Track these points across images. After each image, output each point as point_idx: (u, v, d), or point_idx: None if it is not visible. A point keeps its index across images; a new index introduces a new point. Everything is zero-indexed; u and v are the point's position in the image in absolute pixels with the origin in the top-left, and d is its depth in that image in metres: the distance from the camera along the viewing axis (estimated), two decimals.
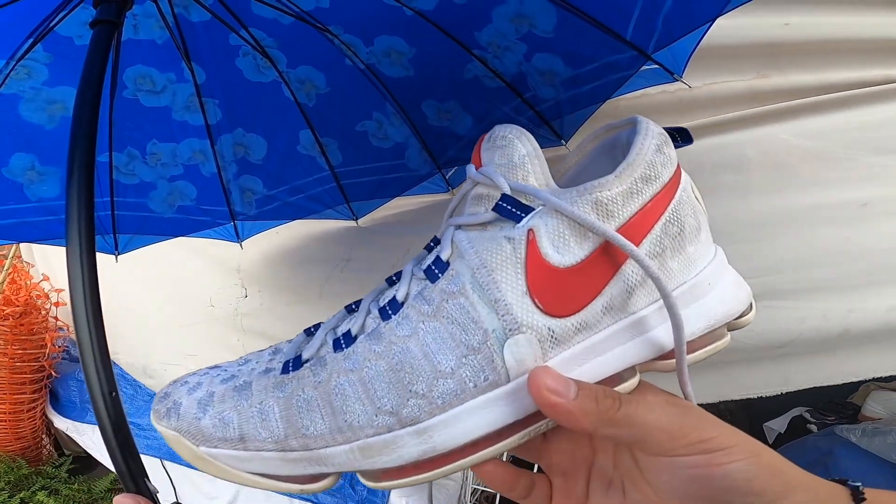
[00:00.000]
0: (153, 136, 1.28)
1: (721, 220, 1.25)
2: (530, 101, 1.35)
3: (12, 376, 2.33)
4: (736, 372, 1.24)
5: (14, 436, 2.42)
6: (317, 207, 1.66)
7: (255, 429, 0.36)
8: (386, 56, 1.30)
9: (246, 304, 1.81)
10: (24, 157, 1.14)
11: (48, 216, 1.31)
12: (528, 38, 1.18)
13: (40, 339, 2.40)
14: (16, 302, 2.31)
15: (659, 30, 1.03)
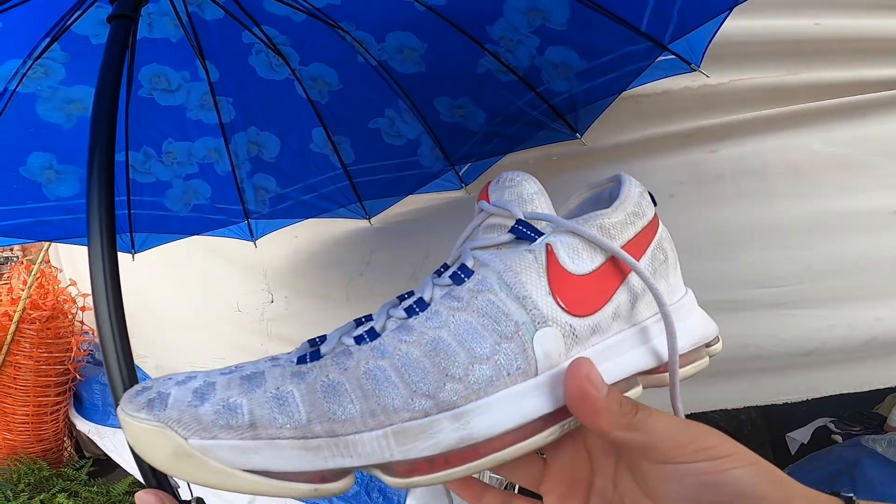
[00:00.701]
0: (169, 134, 1.29)
1: (744, 228, 1.24)
2: (544, 94, 1.34)
3: (37, 379, 2.36)
4: (763, 379, 1.23)
5: (36, 438, 2.45)
6: (329, 206, 1.66)
7: (270, 414, 0.31)
8: (398, 52, 1.30)
9: (272, 310, 1.85)
10: (42, 157, 1.16)
11: (66, 215, 1.33)
12: (541, 31, 1.17)
13: (66, 342, 2.43)
14: (43, 306, 2.35)
15: (674, 20, 1.01)
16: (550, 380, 0.35)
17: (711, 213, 1.28)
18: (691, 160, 1.31)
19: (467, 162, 1.58)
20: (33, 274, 2.35)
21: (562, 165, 1.47)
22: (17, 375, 2.33)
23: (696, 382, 1.29)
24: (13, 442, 2.41)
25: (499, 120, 1.43)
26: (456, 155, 1.56)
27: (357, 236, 1.73)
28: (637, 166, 1.36)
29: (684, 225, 1.28)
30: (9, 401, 2.36)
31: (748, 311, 1.24)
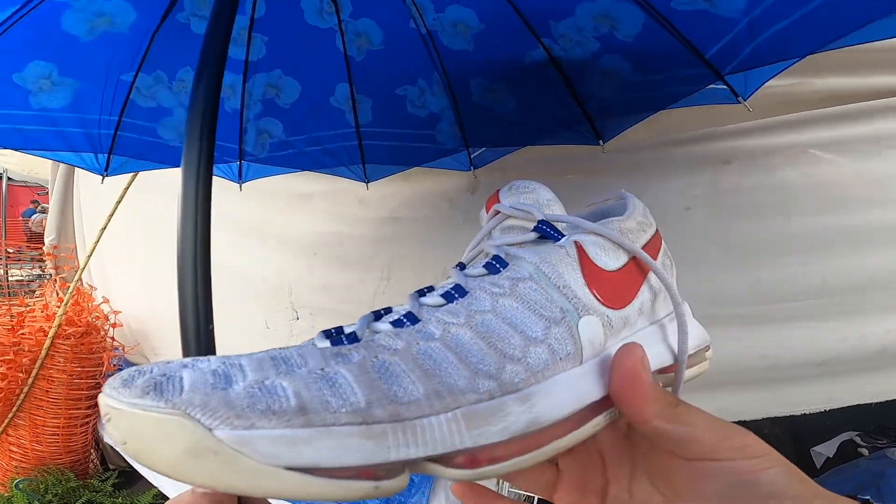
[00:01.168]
0: (188, 62, 1.16)
1: (759, 242, 1.26)
2: (581, 97, 1.35)
3: (69, 392, 2.40)
4: (781, 390, 1.28)
5: (65, 449, 2.49)
6: (331, 163, 1.58)
7: (321, 396, 0.25)
8: (452, 26, 1.24)
9: (299, 326, 1.85)
10: (42, 66, 1.00)
11: (45, 126, 1.16)
12: (604, 38, 1.17)
13: (98, 357, 2.47)
14: (78, 323, 2.39)
15: (744, 55, 1.06)
16: (596, 367, 0.34)
17: (727, 227, 1.29)
18: (706, 172, 1.33)
19: (482, 146, 1.57)
20: (69, 292, 2.38)
21: (573, 172, 1.49)
22: (49, 388, 2.37)
23: (714, 393, 1.36)
24: (42, 453, 2.45)
25: (528, 111, 1.43)
26: (474, 137, 1.54)
27: (372, 252, 1.73)
28: (652, 178, 1.38)
29: (700, 238, 1.30)
30: (40, 413, 2.40)
31: (762, 324, 1.25)
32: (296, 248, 1.86)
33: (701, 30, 1.06)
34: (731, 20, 0.98)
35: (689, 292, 1.40)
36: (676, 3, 1.00)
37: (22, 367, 2.29)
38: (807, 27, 0.95)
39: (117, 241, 2.47)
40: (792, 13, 0.93)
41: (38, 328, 2.33)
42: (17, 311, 2.45)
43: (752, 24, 0.96)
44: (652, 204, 1.55)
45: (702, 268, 1.29)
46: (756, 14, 0.94)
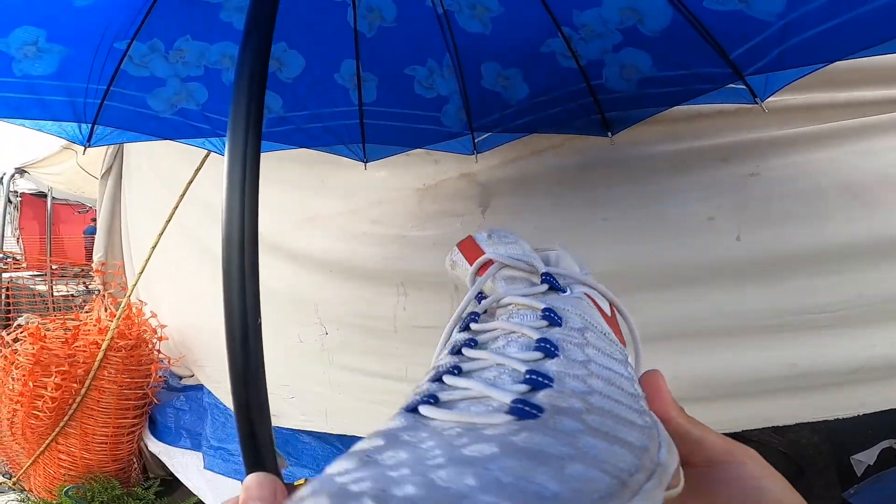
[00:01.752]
0: (189, 31, 1.07)
1: (790, 253, 1.25)
2: (596, 88, 1.32)
3: (119, 402, 2.50)
4: (812, 396, 1.25)
5: (112, 457, 2.58)
6: (330, 140, 1.52)
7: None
8: (470, 7, 1.18)
9: (329, 341, 1.87)
10: (30, 31, 0.90)
11: (26, 94, 1.06)
12: (629, 31, 1.14)
13: (146, 369, 2.57)
14: (129, 336, 2.50)
15: (771, 58, 1.05)
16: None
17: (753, 237, 1.27)
18: (730, 181, 1.31)
19: (488, 132, 1.52)
20: (122, 306, 2.48)
21: (589, 180, 1.47)
22: (100, 398, 2.46)
23: (747, 400, 1.36)
24: (90, 461, 2.53)
25: (540, 100, 1.39)
26: (480, 122, 1.49)
27: (385, 269, 1.72)
28: (672, 186, 1.37)
29: (724, 248, 1.29)
30: (90, 422, 2.47)
31: (795, 332, 1.25)
32: (313, 265, 1.86)
33: (731, 30, 1.03)
34: (765, 22, 0.96)
35: (715, 304, 1.37)
36: (710, 3, 0.98)
37: (76, 378, 2.38)
38: (838, 35, 0.94)
39: (161, 257, 2.51)
40: (828, 20, 0.92)
41: (92, 341, 2.44)
42: (72, 324, 2.55)
43: (785, 27, 0.95)
44: (673, 212, 1.52)
45: (726, 279, 1.29)
46: (792, 18, 0.93)
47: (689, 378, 1.32)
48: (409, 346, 1.68)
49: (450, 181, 1.67)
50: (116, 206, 3.33)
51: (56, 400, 2.34)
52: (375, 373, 1.76)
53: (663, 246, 1.34)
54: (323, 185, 1.86)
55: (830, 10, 0.91)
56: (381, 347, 1.73)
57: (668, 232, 1.34)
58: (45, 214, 5.58)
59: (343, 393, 1.85)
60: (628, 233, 1.38)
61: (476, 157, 1.58)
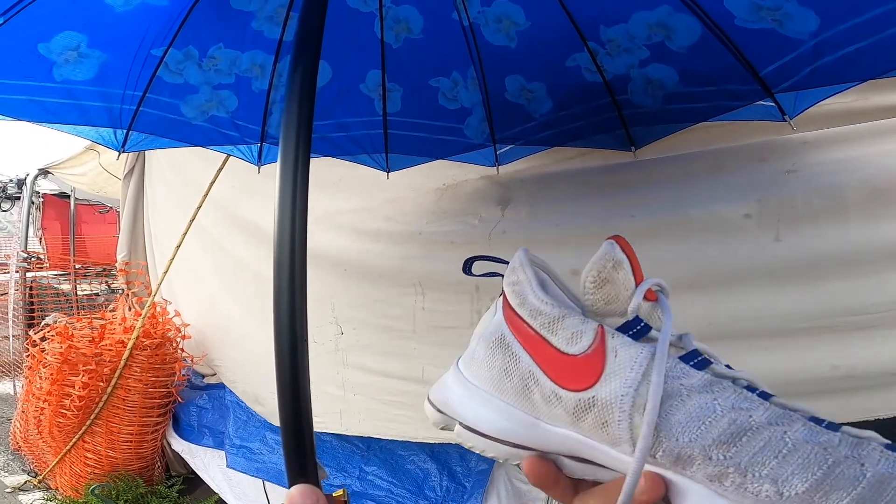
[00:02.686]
0: (222, 39, 1.10)
1: (829, 253, 1.21)
2: (621, 102, 1.32)
3: (144, 401, 2.53)
4: (854, 398, 1.22)
5: (137, 455, 2.62)
6: (354, 150, 1.54)
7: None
8: (496, 21, 1.20)
9: (344, 341, 1.85)
10: (72, 37, 0.94)
11: (65, 99, 1.10)
12: (656, 46, 1.14)
13: (171, 367, 2.61)
14: (154, 335, 2.53)
15: (802, 76, 1.04)
16: None
17: (794, 237, 1.24)
18: (767, 179, 1.28)
19: (510, 144, 1.53)
20: (147, 306, 2.52)
21: (614, 181, 1.46)
22: (126, 397, 2.49)
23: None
24: (115, 459, 2.57)
25: (564, 113, 1.39)
26: (503, 134, 1.50)
27: (401, 268, 1.70)
28: (708, 183, 1.33)
29: (763, 248, 1.26)
30: (116, 420, 2.52)
31: (836, 334, 1.21)
32: (328, 263, 1.85)
33: (761, 47, 1.03)
34: (797, 41, 0.95)
35: (753, 305, 1.32)
36: (741, 21, 0.97)
37: (102, 377, 2.42)
38: (871, 54, 0.93)
39: (181, 256, 2.54)
40: (860, 40, 0.91)
41: (118, 340, 2.47)
42: (98, 323, 2.60)
43: (818, 46, 0.94)
44: (704, 211, 1.47)
45: (764, 279, 1.26)
46: (825, 37, 0.92)
47: None
48: (427, 347, 1.66)
49: (469, 182, 1.67)
50: (139, 207, 3.38)
51: (83, 399, 2.38)
52: (391, 374, 1.75)
53: (696, 245, 1.30)
54: (338, 184, 1.85)
55: (863, 30, 0.90)
56: (398, 348, 1.71)
57: (701, 231, 1.30)
58: (68, 215, 5.71)
59: (358, 394, 1.83)
60: (658, 231, 1.34)
61: (498, 168, 1.59)
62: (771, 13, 0.96)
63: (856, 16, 0.90)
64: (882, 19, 0.88)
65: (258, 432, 2.27)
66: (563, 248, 1.45)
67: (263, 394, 2.21)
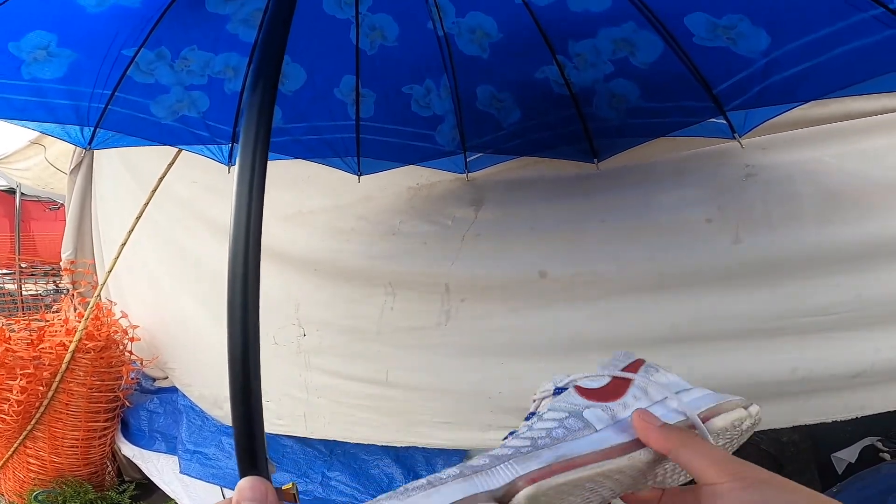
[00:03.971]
0: (196, 41, 1.10)
1: (787, 255, 1.25)
2: (585, 115, 1.37)
3: (89, 405, 2.45)
4: (812, 400, 1.24)
5: (84, 461, 2.54)
6: (326, 153, 1.55)
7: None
8: (470, 32, 1.23)
9: (307, 343, 1.83)
10: (42, 36, 0.93)
11: (32, 97, 1.08)
12: (620, 62, 1.19)
13: (117, 371, 2.53)
14: (98, 337, 2.43)
15: (751, 94, 1.11)
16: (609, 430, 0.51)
17: (752, 239, 1.27)
18: (728, 184, 1.32)
19: (480, 152, 1.57)
20: (90, 307, 2.42)
21: (585, 184, 1.50)
22: (69, 402, 2.41)
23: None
24: (61, 465, 2.49)
25: (531, 123, 1.44)
26: (472, 142, 1.54)
27: (372, 268, 1.70)
28: (669, 188, 1.38)
29: (722, 250, 1.30)
30: (59, 425, 2.43)
31: (795, 336, 1.24)
32: (297, 263, 1.82)
33: (716, 65, 1.09)
34: (749, 59, 1.01)
35: (714, 307, 1.38)
36: (699, 39, 1.03)
37: (42, 381, 2.33)
38: (818, 74, 1.00)
39: (132, 254, 2.45)
40: (809, 59, 0.97)
41: (59, 342, 2.37)
42: (38, 325, 2.49)
43: (767, 65, 1.00)
44: (669, 215, 1.52)
45: (726, 281, 1.30)
46: (775, 56, 0.98)
47: (688, 382, 1.34)
48: (390, 349, 1.66)
49: (443, 182, 1.69)
50: (87, 203, 3.24)
51: (22, 403, 2.28)
52: (355, 376, 1.73)
53: (661, 248, 1.35)
54: (308, 181, 1.83)
55: (811, 50, 0.96)
56: (361, 350, 1.70)
57: (665, 234, 1.35)
58: (14, 212, 5.44)
59: (321, 397, 1.81)
60: (626, 234, 1.39)
61: (467, 175, 1.63)
62: (726, 31, 1.02)
63: (805, 35, 0.95)
64: (831, 39, 0.93)
65: (213, 437, 2.22)
66: (536, 250, 1.49)
67: (223, 396, 2.16)
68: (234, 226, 0.62)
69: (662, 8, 1.05)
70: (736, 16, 0.98)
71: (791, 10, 0.93)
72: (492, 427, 1.54)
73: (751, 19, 0.98)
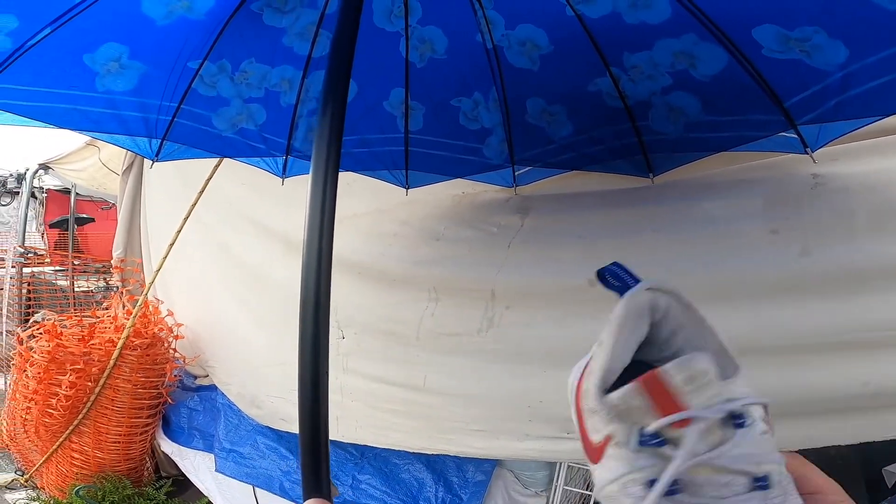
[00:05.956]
0: (254, 54, 1.15)
1: (860, 266, 1.19)
2: (641, 129, 1.32)
3: (133, 401, 2.49)
4: (883, 415, 1.19)
5: (125, 457, 2.58)
6: (375, 166, 1.57)
7: None
8: (520, 44, 1.22)
9: (345, 346, 1.82)
10: (114, 48, 1.00)
11: (106, 109, 1.16)
12: (679, 74, 1.15)
13: (161, 368, 2.56)
14: (145, 334, 2.48)
15: (827, 108, 1.03)
16: None
17: (822, 252, 1.21)
18: (794, 191, 1.25)
19: (529, 166, 1.55)
20: (138, 304, 2.48)
21: (636, 195, 1.45)
22: (115, 398, 2.45)
23: (813, 419, 1.28)
24: (103, 460, 2.54)
25: (583, 137, 1.41)
26: (522, 155, 1.52)
27: (416, 273, 1.69)
28: (727, 198, 1.33)
29: (790, 262, 1.24)
30: (104, 420, 2.48)
31: (866, 350, 1.19)
32: (340, 266, 1.84)
33: (788, 78, 1.02)
34: (825, 73, 0.95)
35: (778, 319, 1.30)
36: (769, 51, 0.97)
37: (90, 377, 2.36)
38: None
39: (179, 254, 2.52)
40: (888, 73, 0.90)
41: (108, 339, 2.41)
42: (89, 322, 2.54)
43: (845, 78, 0.93)
44: (727, 226, 1.45)
45: (793, 293, 1.23)
46: (853, 69, 0.91)
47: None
48: (430, 355, 1.63)
49: (489, 191, 1.67)
50: (136, 203, 3.35)
51: (70, 398, 2.32)
52: (392, 381, 1.71)
53: (720, 259, 1.29)
54: (350, 185, 1.83)
55: (889, 64, 0.90)
56: (399, 354, 1.68)
57: (725, 245, 1.29)
58: (69, 211, 5.68)
59: (356, 400, 1.79)
60: (680, 245, 1.34)
61: (515, 189, 1.61)
62: (800, 44, 0.96)
63: (885, 48, 0.90)
64: None
65: (249, 436, 2.24)
66: (584, 258, 1.44)
67: (261, 397, 2.18)
68: (307, 247, 0.63)
69: (727, 20, 1.00)
70: (811, 28, 0.93)
71: (870, 22, 0.87)
72: (529, 437, 1.49)
73: (827, 32, 0.92)
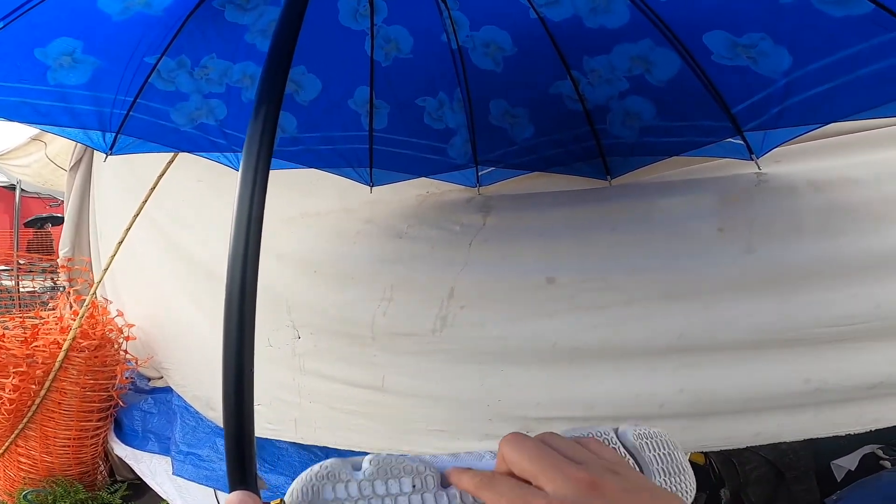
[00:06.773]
0: (215, 50, 1.13)
1: (802, 265, 1.22)
2: (599, 132, 1.37)
3: (82, 404, 2.41)
4: (825, 412, 1.21)
5: (76, 460, 2.49)
6: (339, 163, 1.56)
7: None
8: (484, 46, 1.24)
9: (301, 345, 1.79)
10: (67, 42, 0.97)
11: (57, 102, 1.12)
12: (636, 79, 1.19)
13: (111, 370, 2.48)
14: (92, 335, 2.39)
15: (770, 115, 1.09)
16: None
17: (766, 249, 1.24)
18: (738, 193, 1.29)
19: (492, 167, 1.57)
20: (85, 305, 2.39)
21: (596, 193, 1.49)
22: (62, 400, 2.38)
23: (756, 416, 1.30)
24: (52, 464, 2.46)
25: (545, 140, 1.44)
26: (485, 156, 1.54)
27: (376, 271, 1.67)
28: (680, 199, 1.37)
29: (735, 260, 1.27)
30: (51, 424, 2.40)
31: (809, 347, 1.21)
32: (297, 264, 1.81)
33: (735, 85, 1.08)
34: (770, 80, 1.00)
35: (724, 316, 1.33)
36: (718, 57, 1.02)
37: (35, 379, 2.29)
38: (840, 95, 0.98)
39: (129, 253, 2.43)
40: (831, 80, 0.96)
41: (53, 340, 2.33)
42: (32, 323, 2.46)
43: (788, 86, 0.99)
44: (679, 224, 1.49)
45: (737, 290, 1.27)
46: (796, 76, 0.97)
47: (695, 392, 1.29)
48: (387, 355, 1.62)
49: (453, 190, 1.68)
50: (85, 200, 3.22)
51: (14, 402, 2.23)
52: (350, 381, 1.69)
53: (673, 257, 1.33)
54: (316, 184, 1.82)
55: (832, 71, 0.94)
56: (357, 355, 1.66)
57: (677, 243, 1.33)
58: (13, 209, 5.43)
59: (315, 402, 1.77)
60: (636, 243, 1.37)
61: (479, 189, 1.63)
62: (746, 50, 1.01)
63: (827, 56, 0.94)
64: (855, 59, 0.92)
65: (208, 439, 2.19)
66: (544, 256, 1.47)
67: (216, 398, 2.12)
68: (234, 234, 0.62)
69: (681, 25, 1.05)
70: (757, 34, 0.97)
71: (815, 29, 0.91)
72: (489, 436, 1.50)
73: (773, 38, 0.96)
